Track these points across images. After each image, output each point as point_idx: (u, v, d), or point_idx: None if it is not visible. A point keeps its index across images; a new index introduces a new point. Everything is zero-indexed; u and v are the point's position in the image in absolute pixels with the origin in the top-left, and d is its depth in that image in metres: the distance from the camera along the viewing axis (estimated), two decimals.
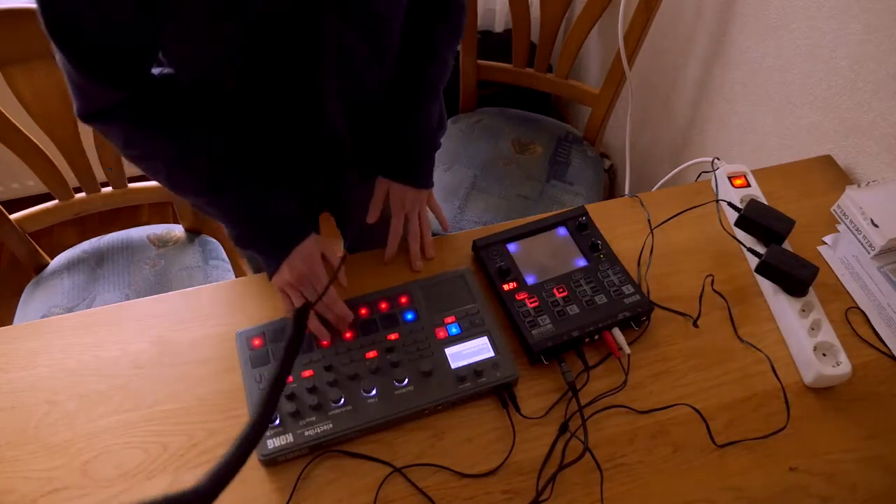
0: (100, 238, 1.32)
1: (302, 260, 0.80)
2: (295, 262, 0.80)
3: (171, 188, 0.82)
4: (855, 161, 1.03)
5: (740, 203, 0.93)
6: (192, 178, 0.79)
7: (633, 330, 0.84)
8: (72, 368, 0.81)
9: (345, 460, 0.74)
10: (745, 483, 0.73)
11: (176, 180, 0.80)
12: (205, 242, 1.33)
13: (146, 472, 0.73)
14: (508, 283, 0.86)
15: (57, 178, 1.19)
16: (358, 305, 0.83)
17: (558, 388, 0.80)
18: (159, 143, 0.77)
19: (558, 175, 1.46)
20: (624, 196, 1.01)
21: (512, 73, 1.52)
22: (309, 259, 0.81)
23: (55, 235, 1.93)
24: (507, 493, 0.72)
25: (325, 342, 0.80)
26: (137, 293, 1.23)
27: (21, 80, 1.01)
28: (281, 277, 0.81)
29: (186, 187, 0.81)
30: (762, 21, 1.16)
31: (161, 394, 0.79)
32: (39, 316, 1.20)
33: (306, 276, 0.80)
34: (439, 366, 0.78)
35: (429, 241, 0.92)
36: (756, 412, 0.78)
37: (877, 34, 0.93)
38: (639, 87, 1.64)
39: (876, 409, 0.79)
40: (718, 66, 1.33)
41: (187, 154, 0.78)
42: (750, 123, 1.27)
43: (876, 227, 0.89)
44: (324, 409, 0.75)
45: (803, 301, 0.84)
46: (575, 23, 1.37)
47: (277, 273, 0.81)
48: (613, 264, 0.87)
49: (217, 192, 0.79)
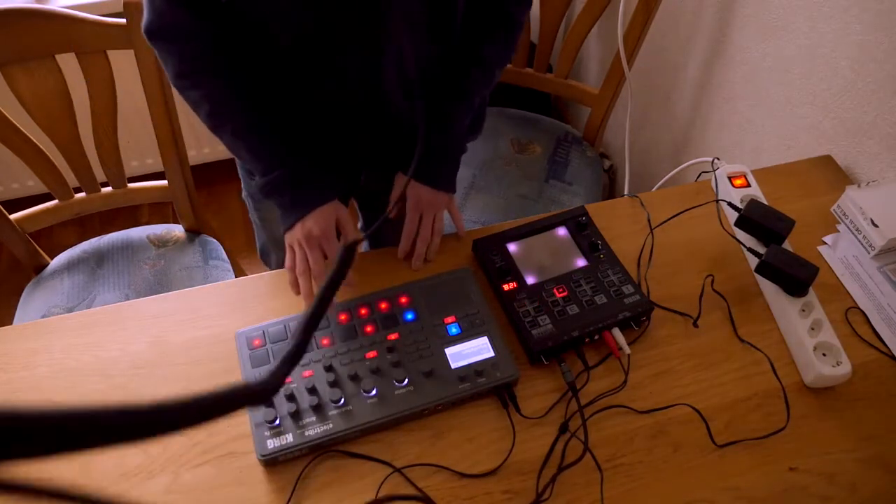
0: (100, 238, 1.32)
1: (316, 222, 0.82)
2: (309, 223, 0.82)
3: (210, 126, 0.83)
4: (855, 161, 1.03)
5: (740, 203, 0.93)
6: (234, 118, 0.82)
7: (633, 330, 0.84)
8: (72, 368, 0.81)
9: (345, 460, 0.74)
10: (745, 483, 0.73)
11: (217, 119, 0.82)
12: (205, 242, 1.32)
13: (146, 472, 0.73)
14: (508, 283, 0.86)
15: (57, 178, 1.19)
16: (358, 305, 0.83)
17: (558, 388, 0.80)
18: (209, 77, 0.80)
19: (557, 175, 1.46)
20: (624, 196, 1.01)
21: (511, 73, 1.52)
22: (323, 224, 0.82)
23: (55, 235, 1.93)
24: (507, 493, 0.72)
25: (326, 340, 0.80)
26: (137, 293, 1.23)
27: (21, 80, 1.01)
28: (293, 234, 0.83)
29: (227, 127, 0.83)
30: (762, 21, 1.16)
31: (161, 394, 0.79)
32: (39, 316, 1.19)
33: (315, 239, 0.81)
34: (439, 366, 0.78)
35: (435, 247, 0.91)
36: (756, 412, 0.78)
37: (877, 34, 0.93)
38: (639, 87, 1.64)
39: (876, 409, 0.79)
40: (718, 66, 1.33)
41: (234, 94, 0.81)
42: (750, 123, 1.27)
43: (876, 227, 0.89)
44: (324, 409, 0.75)
45: (803, 301, 0.84)
46: (575, 23, 1.37)
47: (291, 229, 0.83)
48: (613, 264, 0.87)
49: (255, 135, 0.82)
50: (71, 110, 1.09)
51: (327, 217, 0.83)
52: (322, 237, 0.82)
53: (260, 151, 0.84)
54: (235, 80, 0.81)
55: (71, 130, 1.11)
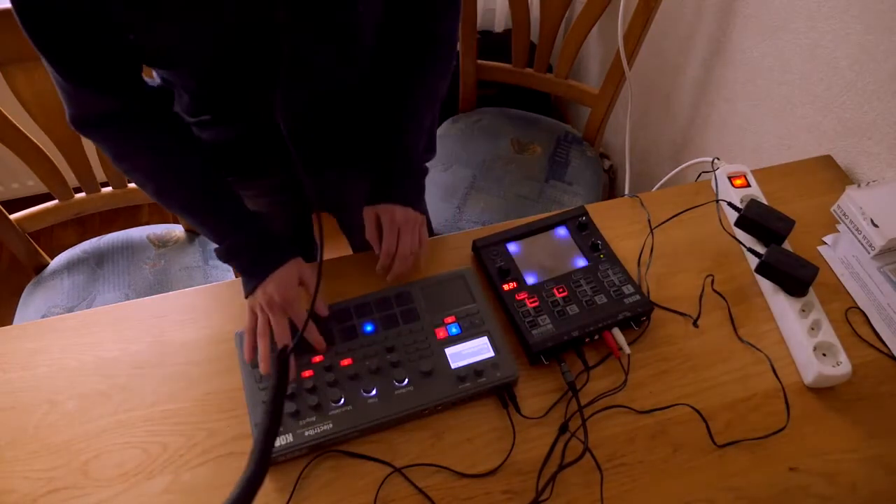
0: (100, 238, 1.32)
1: (276, 288, 0.78)
2: (269, 288, 0.78)
3: (158, 201, 0.83)
4: (855, 161, 1.03)
5: (740, 203, 0.93)
6: (180, 194, 0.81)
7: (633, 330, 0.84)
8: (72, 368, 0.81)
9: (345, 460, 0.74)
10: (745, 483, 0.73)
11: (164, 197, 0.82)
12: (205, 242, 1.33)
13: (146, 472, 0.73)
14: (508, 283, 0.86)
15: (57, 178, 1.19)
16: (358, 305, 0.83)
17: (558, 388, 0.80)
18: (147, 158, 0.79)
19: (557, 175, 1.46)
20: (624, 196, 1.01)
21: (512, 73, 1.52)
22: (283, 287, 0.78)
23: (55, 235, 1.93)
24: (507, 493, 0.72)
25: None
26: (137, 293, 1.23)
27: (21, 80, 1.01)
28: (254, 299, 0.79)
29: (174, 203, 0.83)
30: (762, 21, 1.16)
31: (161, 394, 0.79)
32: (39, 316, 1.20)
33: (277, 305, 0.77)
34: (439, 366, 0.78)
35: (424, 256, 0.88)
36: (756, 412, 0.78)
37: (877, 34, 0.93)
38: (639, 87, 1.64)
39: (876, 409, 0.79)
40: (718, 66, 1.33)
41: (176, 169, 0.80)
42: (750, 123, 1.27)
43: (876, 227, 0.89)
44: (324, 409, 0.75)
45: (803, 301, 0.84)
46: (575, 23, 1.37)
47: (252, 294, 0.79)
48: (613, 264, 0.87)
49: (204, 208, 0.81)
50: None
51: (289, 279, 0.79)
52: (284, 303, 0.77)
53: (211, 223, 0.81)
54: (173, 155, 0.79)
55: (71, 130, 1.10)
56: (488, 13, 1.95)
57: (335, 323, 0.82)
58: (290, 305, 0.77)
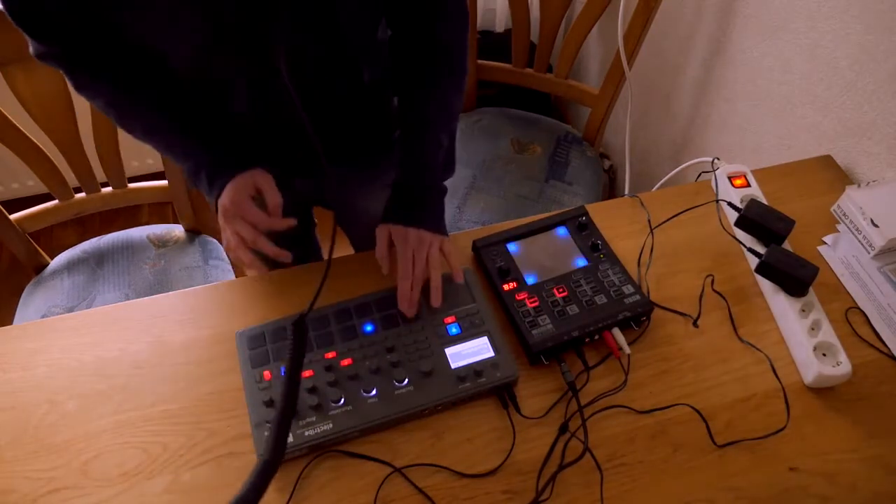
0: (100, 238, 1.32)
1: (227, 195, 0.79)
2: (224, 199, 0.79)
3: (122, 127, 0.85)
4: (855, 161, 1.03)
5: (740, 203, 0.93)
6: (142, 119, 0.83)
7: (633, 330, 0.84)
8: (72, 368, 0.81)
9: (345, 460, 0.74)
10: (745, 483, 0.73)
11: (125, 122, 0.84)
12: (205, 242, 1.33)
13: (146, 472, 0.73)
14: (508, 283, 0.86)
15: (57, 178, 1.19)
16: (358, 305, 0.83)
17: (558, 388, 0.80)
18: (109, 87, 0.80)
19: (557, 175, 1.46)
20: (624, 196, 1.01)
21: (512, 73, 1.52)
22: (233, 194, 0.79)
23: (55, 235, 1.93)
24: (507, 493, 0.72)
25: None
26: (137, 293, 1.23)
27: (21, 80, 1.01)
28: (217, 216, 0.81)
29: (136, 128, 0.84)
30: (762, 21, 1.16)
31: (161, 394, 0.79)
32: (39, 316, 1.20)
33: (230, 213, 0.78)
34: (439, 366, 0.78)
35: (436, 286, 0.83)
36: (756, 412, 0.78)
37: (877, 34, 0.93)
38: (639, 87, 1.64)
39: (876, 409, 0.79)
40: (718, 66, 1.33)
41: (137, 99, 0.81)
42: (750, 123, 1.27)
43: (876, 227, 0.89)
44: (324, 409, 0.75)
45: (803, 301, 0.84)
46: (575, 23, 1.37)
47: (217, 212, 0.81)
48: (613, 264, 0.87)
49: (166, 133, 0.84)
50: (71, 110, 1.09)
51: (239, 187, 0.79)
52: (235, 207, 0.78)
53: (175, 146, 0.84)
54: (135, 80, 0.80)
55: (71, 130, 1.11)
56: (488, 13, 1.95)
57: (335, 323, 0.82)
58: (239, 207, 0.78)
